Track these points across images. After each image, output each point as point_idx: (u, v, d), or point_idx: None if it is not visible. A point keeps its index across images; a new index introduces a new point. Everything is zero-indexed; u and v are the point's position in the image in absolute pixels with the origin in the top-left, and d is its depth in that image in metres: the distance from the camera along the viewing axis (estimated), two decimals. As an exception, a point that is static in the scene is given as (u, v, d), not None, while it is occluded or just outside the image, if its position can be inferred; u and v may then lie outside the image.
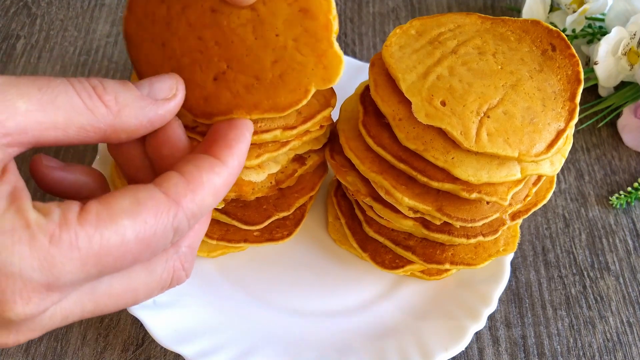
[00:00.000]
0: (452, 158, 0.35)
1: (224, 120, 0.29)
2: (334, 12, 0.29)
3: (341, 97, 0.45)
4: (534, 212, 0.49)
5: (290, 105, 0.30)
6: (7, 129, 0.21)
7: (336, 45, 0.30)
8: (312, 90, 0.30)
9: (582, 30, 0.58)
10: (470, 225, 0.38)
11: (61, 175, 0.27)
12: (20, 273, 0.20)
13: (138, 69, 0.31)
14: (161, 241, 0.23)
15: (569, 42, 0.38)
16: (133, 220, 0.22)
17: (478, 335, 0.44)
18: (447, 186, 0.36)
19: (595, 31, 0.58)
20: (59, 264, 0.21)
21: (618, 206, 0.52)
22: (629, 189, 0.52)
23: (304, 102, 0.30)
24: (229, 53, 0.29)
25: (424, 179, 0.36)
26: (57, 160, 0.28)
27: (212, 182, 0.25)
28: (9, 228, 0.20)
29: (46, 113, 0.22)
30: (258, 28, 0.29)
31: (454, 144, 0.35)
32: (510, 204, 0.39)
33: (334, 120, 0.43)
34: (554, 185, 0.42)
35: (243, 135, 0.27)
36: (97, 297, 0.24)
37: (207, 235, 0.43)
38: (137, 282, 0.25)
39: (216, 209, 0.41)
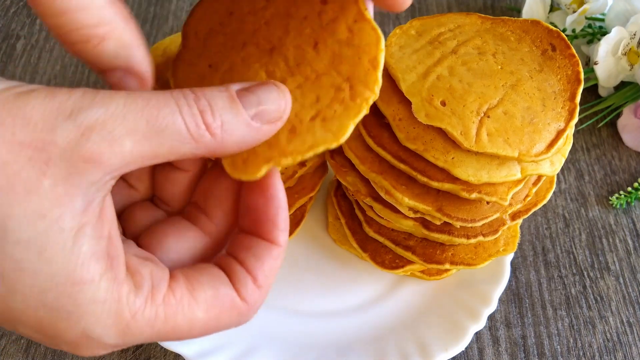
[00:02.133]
0: (452, 158, 0.35)
1: (256, 191, 0.26)
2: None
3: (341, 97, 0.45)
4: (534, 212, 0.49)
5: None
6: (111, 167, 0.21)
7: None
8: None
9: (582, 30, 0.58)
10: (470, 225, 0.38)
11: None
12: (98, 339, 0.22)
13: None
14: (221, 330, 0.25)
15: (569, 42, 0.38)
16: (207, 314, 0.24)
17: (478, 335, 0.44)
18: (447, 186, 0.36)
19: (595, 31, 0.58)
20: (132, 335, 0.22)
21: (618, 206, 0.52)
22: (629, 189, 0.52)
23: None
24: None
25: (424, 179, 0.36)
26: None
27: (274, 270, 0.26)
28: (102, 299, 0.21)
29: (151, 146, 0.22)
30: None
31: (454, 144, 0.35)
32: (510, 204, 0.39)
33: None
34: (554, 185, 0.42)
35: (281, 206, 0.26)
36: None
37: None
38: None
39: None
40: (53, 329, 0.21)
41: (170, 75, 0.30)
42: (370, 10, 0.27)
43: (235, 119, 0.23)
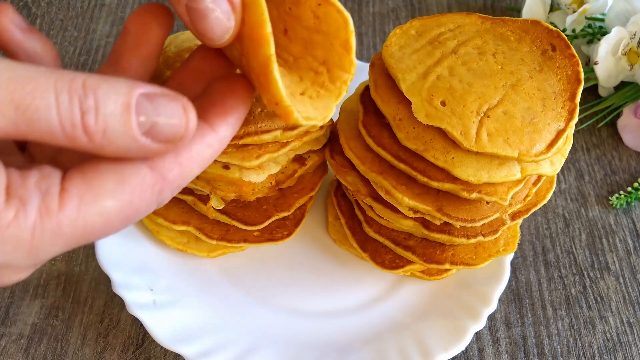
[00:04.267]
0: (452, 158, 0.35)
1: (226, 80, 0.26)
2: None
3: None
4: (534, 212, 0.49)
5: None
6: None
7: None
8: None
9: (582, 30, 0.58)
10: (470, 225, 0.38)
11: (19, 38, 0.26)
12: (8, 264, 0.22)
13: None
14: (143, 213, 0.24)
15: (569, 42, 0.38)
16: (117, 201, 0.22)
17: (478, 335, 0.44)
18: (447, 186, 0.36)
19: (595, 31, 0.58)
20: (44, 251, 0.22)
21: (618, 206, 0.52)
22: (629, 189, 0.52)
23: None
24: None
25: (424, 179, 0.36)
26: (23, 19, 0.27)
27: (201, 155, 0.24)
28: None
29: (15, 125, 0.21)
30: None
31: (454, 144, 0.35)
32: (510, 204, 0.39)
33: (334, 121, 0.43)
34: (554, 185, 0.42)
35: (242, 102, 0.26)
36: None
37: (207, 235, 0.43)
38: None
39: (216, 210, 0.41)
40: None
41: None
42: None
43: (122, 130, 0.21)
